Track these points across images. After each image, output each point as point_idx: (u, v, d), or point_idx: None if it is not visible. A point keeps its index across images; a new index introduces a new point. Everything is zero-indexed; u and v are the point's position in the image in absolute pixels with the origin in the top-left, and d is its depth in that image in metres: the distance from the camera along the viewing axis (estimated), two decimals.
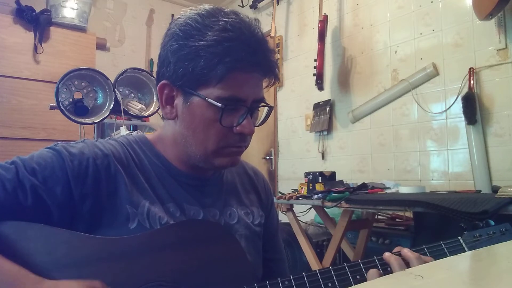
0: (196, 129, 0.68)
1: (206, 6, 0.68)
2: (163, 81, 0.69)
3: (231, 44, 0.63)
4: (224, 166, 0.71)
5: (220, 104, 0.64)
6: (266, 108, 0.74)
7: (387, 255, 0.66)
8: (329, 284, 0.61)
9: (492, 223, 0.74)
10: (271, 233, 0.87)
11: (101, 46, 3.73)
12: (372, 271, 0.63)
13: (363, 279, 0.63)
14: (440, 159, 2.36)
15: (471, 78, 2.16)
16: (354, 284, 0.61)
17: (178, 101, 0.69)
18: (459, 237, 0.72)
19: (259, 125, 0.74)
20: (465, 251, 0.70)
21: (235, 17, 0.66)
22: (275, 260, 0.88)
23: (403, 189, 1.97)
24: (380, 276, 0.63)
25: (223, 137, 0.68)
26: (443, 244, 0.71)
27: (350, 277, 0.62)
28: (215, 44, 0.63)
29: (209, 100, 0.64)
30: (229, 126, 0.67)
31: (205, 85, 0.65)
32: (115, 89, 1.90)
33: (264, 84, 0.71)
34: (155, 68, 0.72)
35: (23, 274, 0.53)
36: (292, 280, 0.60)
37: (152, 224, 0.66)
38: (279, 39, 3.65)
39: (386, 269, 0.65)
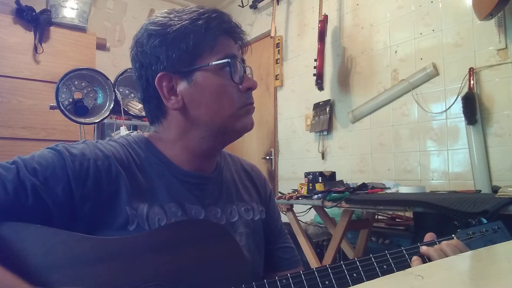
0: (208, 102, 0.70)
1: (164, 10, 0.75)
2: (159, 74, 0.69)
3: (208, 16, 0.70)
4: (246, 127, 0.74)
5: (227, 59, 0.69)
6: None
7: (424, 248, 0.69)
8: (327, 282, 0.61)
9: (485, 221, 0.76)
10: (274, 224, 0.88)
11: (101, 46, 3.73)
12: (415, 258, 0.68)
13: (359, 277, 0.63)
14: (440, 159, 2.36)
15: (471, 78, 2.16)
16: (351, 282, 0.62)
17: (181, 86, 0.70)
18: (453, 235, 0.73)
19: None
20: None
21: (196, 5, 0.74)
22: (281, 249, 0.88)
23: (403, 189, 1.97)
24: (423, 264, 0.66)
25: (236, 98, 0.71)
26: (437, 242, 0.71)
27: (347, 275, 0.63)
28: (195, 20, 0.69)
29: (214, 63, 0.69)
30: (239, 81, 0.71)
31: (201, 57, 0.69)
32: (115, 89, 1.90)
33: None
34: None
35: (17, 283, 0.52)
36: (290, 279, 0.60)
37: (151, 226, 0.66)
38: (279, 39, 3.65)
39: (382, 267, 0.66)
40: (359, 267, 0.64)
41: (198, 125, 0.71)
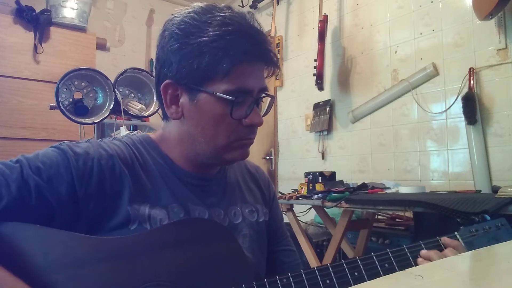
0: (205, 126, 0.68)
1: (200, 4, 0.68)
2: (167, 81, 0.68)
3: (233, 37, 0.64)
4: (235, 159, 0.72)
5: (230, 97, 0.64)
6: (268, 98, 0.75)
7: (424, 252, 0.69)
8: (327, 281, 0.61)
9: (488, 218, 0.75)
10: (276, 226, 0.88)
11: (101, 46, 3.73)
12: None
13: (361, 276, 0.63)
14: (440, 159, 2.36)
15: (471, 78, 2.16)
16: (352, 281, 0.62)
17: (184, 100, 0.69)
18: (456, 233, 0.73)
19: (263, 116, 0.74)
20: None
21: (231, 11, 0.67)
22: (283, 252, 0.88)
23: (403, 189, 1.97)
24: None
25: (233, 130, 0.68)
26: (439, 240, 0.71)
27: (348, 274, 0.63)
28: (217, 39, 0.63)
29: (218, 94, 0.65)
30: (240, 118, 0.67)
31: (211, 81, 0.65)
32: (115, 89, 1.90)
33: (265, 74, 0.71)
34: None
35: (19, 286, 0.52)
36: (291, 278, 0.60)
37: (153, 226, 0.66)
38: (279, 39, 3.64)
39: (383, 266, 0.66)
40: (361, 266, 0.64)
41: (194, 141, 0.70)
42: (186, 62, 0.65)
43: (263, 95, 0.72)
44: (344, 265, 0.63)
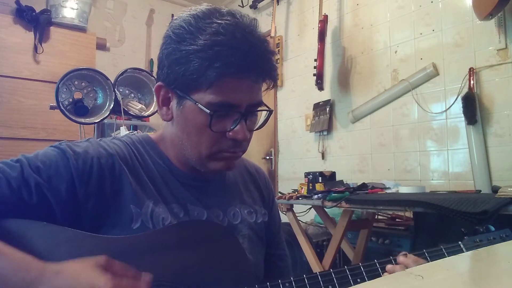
0: (190, 132, 0.67)
1: (203, 7, 0.66)
2: (159, 83, 0.69)
3: (221, 49, 0.61)
4: (218, 170, 0.70)
5: (209, 111, 0.63)
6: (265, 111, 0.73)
7: (390, 267, 0.67)
8: (330, 287, 0.61)
9: (493, 228, 0.75)
10: (274, 230, 0.88)
11: (101, 46, 3.73)
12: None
13: (363, 282, 0.63)
14: (440, 159, 2.36)
15: (471, 78, 2.16)
16: None
17: (173, 103, 0.69)
18: (460, 242, 0.73)
19: (257, 129, 0.72)
20: None
21: (229, 19, 0.64)
22: (279, 256, 0.88)
23: (403, 189, 1.97)
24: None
25: (216, 142, 0.67)
26: (443, 249, 0.71)
27: (351, 280, 0.63)
28: (205, 49, 0.61)
29: (199, 105, 0.63)
30: (221, 131, 0.65)
31: (197, 90, 0.64)
32: (115, 89, 1.90)
33: (264, 87, 0.69)
34: (155, 68, 0.72)
35: (27, 261, 0.52)
36: (293, 282, 0.60)
37: (155, 225, 0.66)
38: (279, 39, 3.64)
39: (385, 270, 0.66)
40: (363, 272, 0.64)
41: (182, 145, 0.70)
42: (174, 68, 0.64)
43: (259, 109, 0.69)
44: (347, 270, 0.64)
